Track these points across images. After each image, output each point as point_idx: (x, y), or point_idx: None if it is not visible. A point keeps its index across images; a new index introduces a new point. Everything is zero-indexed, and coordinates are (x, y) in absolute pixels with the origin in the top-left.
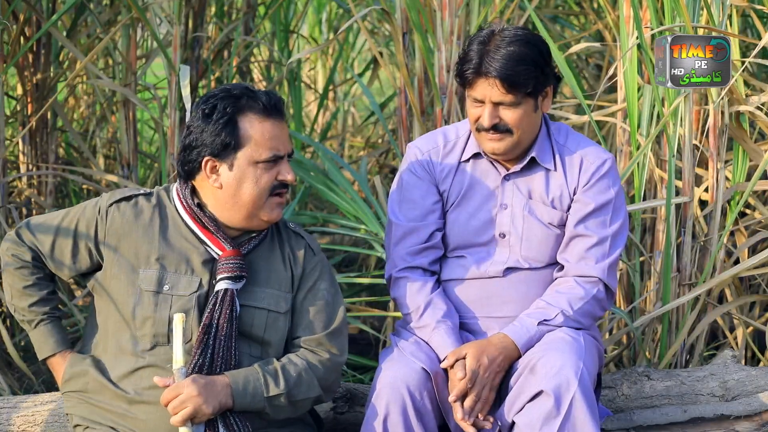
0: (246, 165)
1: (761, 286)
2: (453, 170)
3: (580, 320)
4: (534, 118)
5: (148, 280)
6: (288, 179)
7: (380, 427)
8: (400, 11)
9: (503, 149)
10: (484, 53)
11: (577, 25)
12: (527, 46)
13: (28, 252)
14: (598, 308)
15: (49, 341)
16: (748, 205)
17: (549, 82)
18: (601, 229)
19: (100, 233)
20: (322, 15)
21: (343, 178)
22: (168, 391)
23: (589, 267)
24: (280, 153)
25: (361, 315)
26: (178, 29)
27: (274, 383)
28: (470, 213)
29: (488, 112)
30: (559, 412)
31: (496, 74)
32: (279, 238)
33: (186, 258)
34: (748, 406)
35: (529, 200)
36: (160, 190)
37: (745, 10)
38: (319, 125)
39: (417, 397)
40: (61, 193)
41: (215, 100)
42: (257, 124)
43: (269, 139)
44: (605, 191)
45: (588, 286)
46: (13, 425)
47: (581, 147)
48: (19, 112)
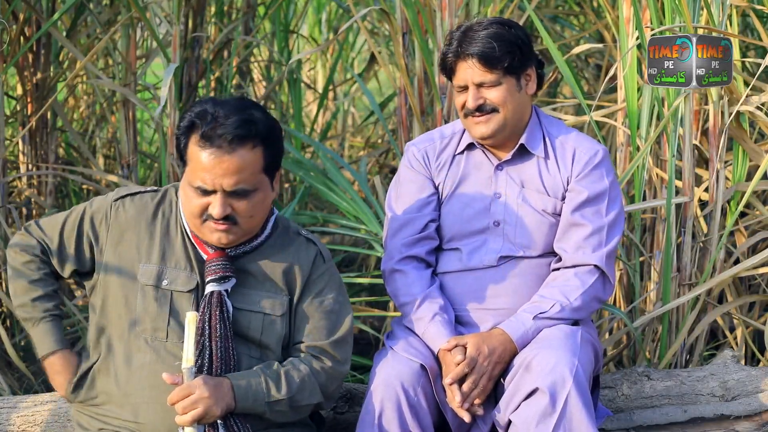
0: (185, 183)
1: (761, 286)
2: (448, 163)
3: (578, 310)
4: (519, 98)
5: (148, 275)
6: (212, 215)
7: (375, 425)
8: (400, 11)
9: (491, 130)
10: (463, 38)
11: (577, 25)
12: (503, 27)
13: (37, 245)
14: (596, 298)
15: (49, 339)
16: (748, 205)
17: (529, 62)
18: (596, 218)
19: (105, 227)
20: (322, 15)
21: (343, 178)
22: (178, 391)
23: (586, 255)
24: (205, 187)
25: (361, 315)
26: (178, 29)
27: (276, 388)
28: (465, 203)
29: (472, 93)
30: (555, 410)
31: (473, 52)
32: (288, 244)
33: (186, 255)
34: (748, 406)
35: (523, 189)
36: (170, 188)
37: (745, 10)
38: (319, 125)
39: (411, 393)
40: (61, 193)
41: (190, 109)
42: (195, 150)
43: (198, 169)
44: (599, 181)
45: (585, 276)
46: (13, 425)
47: (573, 138)
48: (19, 112)
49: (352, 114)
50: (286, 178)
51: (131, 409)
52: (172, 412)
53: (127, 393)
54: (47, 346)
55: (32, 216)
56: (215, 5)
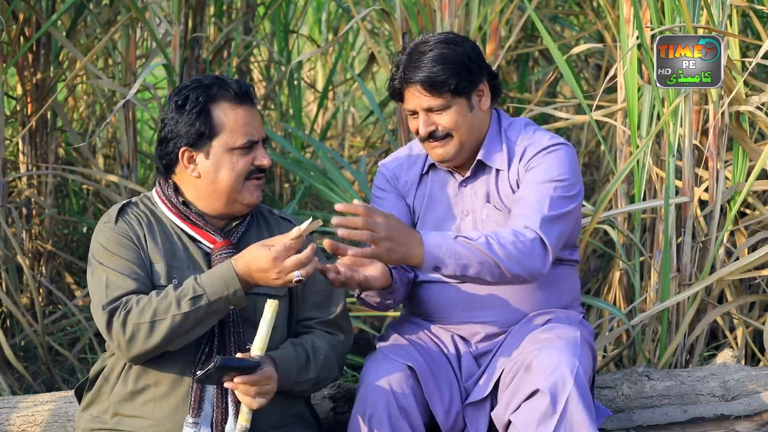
0: (222, 152)
1: (761, 286)
2: (415, 183)
3: (503, 258)
4: (472, 118)
5: (159, 275)
6: (264, 164)
7: (366, 427)
8: (400, 11)
9: (450, 155)
10: (408, 63)
11: (577, 25)
12: (447, 47)
13: (129, 301)
14: (525, 255)
15: (217, 277)
16: (748, 205)
17: (479, 79)
18: (542, 187)
19: (132, 238)
20: (322, 15)
21: (343, 178)
22: (257, 377)
23: (522, 219)
24: (255, 138)
25: (361, 315)
26: (178, 29)
27: (306, 369)
28: (435, 223)
29: (422, 120)
30: (555, 411)
31: (416, 79)
32: (267, 225)
33: (187, 253)
34: (748, 406)
35: (487, 203)
36: (141, 198)
37: (745, 10)
38: (319, 125)
39: (401, 395)
40: (61, 193)
41: (187, 91)
42: (230, 112)
43: (243, 125)
44: (546, 170)
45: (521, 233)
46: (13, 425)
47: (530, 136)
48: (19, 112)
49: (352, 114)
50: (286, 178)
51: (139, 406)
52: (179, 411)
53: (135, 391)
54: (229, 276)
55: (32, 216)
56: (215, 5)
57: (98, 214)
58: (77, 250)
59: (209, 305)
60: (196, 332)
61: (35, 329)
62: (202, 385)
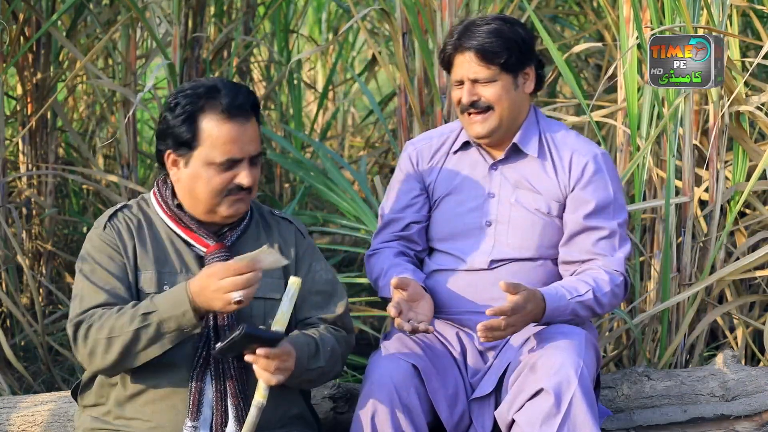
0: (200, 165)
1: (761, 286)
2: (442, 161)
3: (603, 306)
4: (514, 96)
5: (148, 282)
6: (244, 184)
7: (368, 426)
8: (400, 11)
9: (487, 130)
10: (463, 32)
11: (577, 25)
12: (504, 24)
13: (92, 314)
14: (618, 297)
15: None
16: (748, 205)
17: (529, 61)
18: (607, 223)
19: (119, 247)
20: (322, 15)
21: (343, 178)
22: (278, 351)
23: (606, 261)
24: (236, 157)
25: (361, 315)
26: (178, 29)
27: (315, 357)
28: (458, 202)
29: (467, 89)
30: (559, 411)
31: (471, 46)
32: (266, 225)
33: (179, 258)
34: (748, 406)
35: (517, 189)
36: (138, 200)
37: (745, 10)
38: (319, 125)
39: (404, 393)
40: (61, 193)
41: (182, 95)
42: (215, 126)
43: (224, 142)
44: (604, 188)
45: (612, 275)
46: (13, 425)
47: (572, 140)
48: (19, 112)
49: (352, 114)
50: (286, 178)
51: (139, 408)
52: (178, 414)
53: (134, 394)
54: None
55: (32, 216)
56: (215, 5)
57: (98, 214)
58: (77, 250)
59: (160, 324)
60: (154, 351)
61: (35, 329)
62: (223, 356)
